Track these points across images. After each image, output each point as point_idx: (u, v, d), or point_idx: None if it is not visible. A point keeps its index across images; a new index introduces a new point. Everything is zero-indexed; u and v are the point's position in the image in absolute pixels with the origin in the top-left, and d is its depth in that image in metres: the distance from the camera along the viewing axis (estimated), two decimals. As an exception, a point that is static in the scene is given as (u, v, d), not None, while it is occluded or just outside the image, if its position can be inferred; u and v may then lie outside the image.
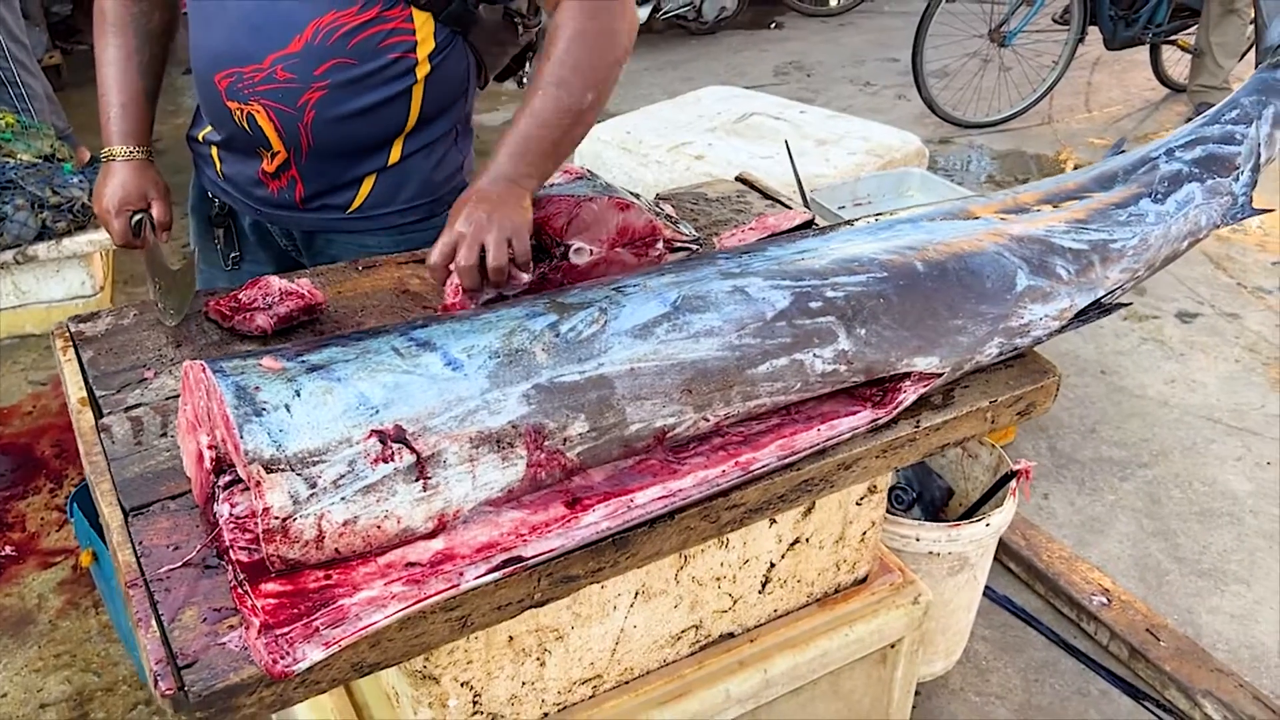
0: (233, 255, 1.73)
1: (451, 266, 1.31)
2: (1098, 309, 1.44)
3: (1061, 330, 1.40)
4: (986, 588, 2.25)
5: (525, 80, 1.83)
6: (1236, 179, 1.61)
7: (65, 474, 2.76)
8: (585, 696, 1.40)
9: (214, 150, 1.65)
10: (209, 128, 1.62)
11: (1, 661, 2.23)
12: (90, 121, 4.22)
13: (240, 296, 1.41)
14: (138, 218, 1.57)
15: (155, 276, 1.49)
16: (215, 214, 1.71)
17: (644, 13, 6.38)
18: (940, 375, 1.30)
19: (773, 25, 7.29)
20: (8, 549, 2.51)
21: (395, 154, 1.58)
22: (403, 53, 1.48)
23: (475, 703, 1.28)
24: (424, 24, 1.49)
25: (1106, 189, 1.56)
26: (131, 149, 1.56)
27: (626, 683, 1.43)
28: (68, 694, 2.16)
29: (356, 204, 1.61)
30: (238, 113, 1.51)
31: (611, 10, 1.40)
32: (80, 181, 3.35)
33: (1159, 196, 1.54)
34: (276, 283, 1.42)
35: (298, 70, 1.45)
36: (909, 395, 1.28)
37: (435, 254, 1.31)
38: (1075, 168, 4.95)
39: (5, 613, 2.35)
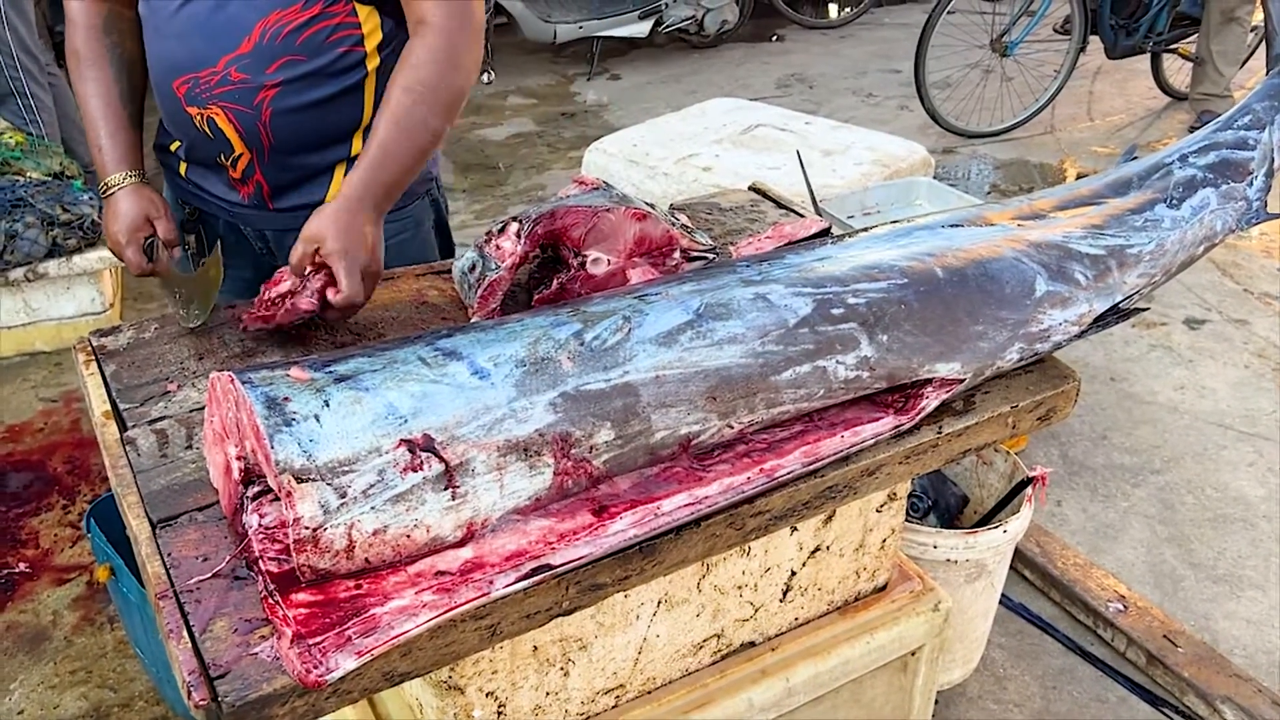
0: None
1: (332, 297, 1.36)
2: (1116, 314, 1.44)
3: (1081, 335, 1.40)
4: (1002, 595, 2.25)
5: (490, 76, 1.87)
6: (1251, 184, 1.61)
7: (78, 490, 2.76)
8: (608, 706, 1.40)
9: (181, 162, 1.67)
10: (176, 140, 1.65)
11: (18, 678, 2.23)
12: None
13: (269, 296, 1.41)
14: (149, 241, 1.58)
15: (175, 288, 1.49)
16: (185, 219, 1.73)
17: (645, 27, 6.40)
18: (962, 381, 1.30)
19: (774, 38, 7.31)
20: (22, 566, 2.51)
21: (356, 146, 1.62)
22: (350, 46, 1.53)
23: (500, 713, 1.28)
24: (369, 17, 1.54)
25: (1122, 195, 1.56)
26: (126, 174, 1.57)
27: (649, 692, 1.43)
28: (84, 710, 2.15)
29: (329, 199, 1.64)
30: (198, 118, 1.55)
31: (464, 40, 1.48)
32: (90, 199, 3.36)
33: (1174, 202, 1.55)
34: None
35: (250, 70, 1.50)
36: (931, 401, 1.28)
37: (297, 259, 1.37)
38: (1079, 176, 4.96)
39: (20, 629, 2.35)
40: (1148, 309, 1.81)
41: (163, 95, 1.57)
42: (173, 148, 1.68)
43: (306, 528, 0.95)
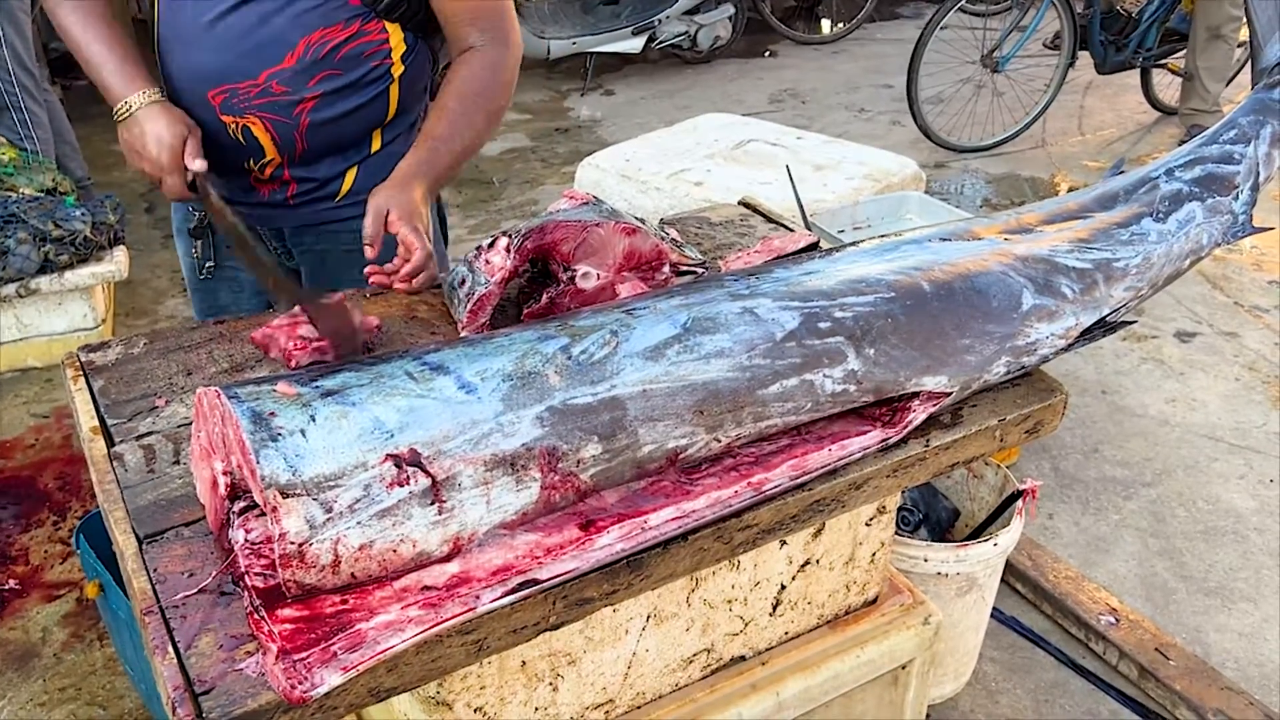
0: (208, 264, 1.83)
1: (401, 265, 1.49)
2: (1102, 327, 1.45)
3: (1068, 349, 1.41)
4: (994, 608, 2.25)
5: None
6: (1236, 198, 1.62)
7: (68, 507, 2.75)
8: (598, 721, 1.39)
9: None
10: None
11: (6, 696, 2.22)
12: (93, 156, 4.25)
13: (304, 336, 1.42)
14: (191, 175, 1.55)
15: (250, 260, 1.55)
16: (194, 226, 1.79)
17: (639, 43, 6.43)
18: (949, 395, 1.31)
19: (767, 53, 7.34)
20: (11, 583, 2.50)
21: (376, 144, 1.74)
22: (381, 59, 1.65)
23: (489, 729, 1.28)
24: (395, 32, 1.64)
25: (1108, 209, 1.57)
26: (146, 91, 1.56)
27: (639, 707, 1.42)
28: (73, 728, 2.14)
29: (344, 191, 1.73)
30: (232, 126, 1.61)
31: (506, 64, 1.67)
32: (82, 214, 3.36)
33: (1160, 216, 1.56)
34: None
35: (292, 84, 1.59)
36: (918, 415, 1.28)
37: (371, 228, 1.49)
38: (1070, 190, 4.97)
39: (9, 646, 2.34)
40: (1135, 322, 1.81)
41: (195, 103, 1.60)
42: None
43: (292, 543, 0.95)
